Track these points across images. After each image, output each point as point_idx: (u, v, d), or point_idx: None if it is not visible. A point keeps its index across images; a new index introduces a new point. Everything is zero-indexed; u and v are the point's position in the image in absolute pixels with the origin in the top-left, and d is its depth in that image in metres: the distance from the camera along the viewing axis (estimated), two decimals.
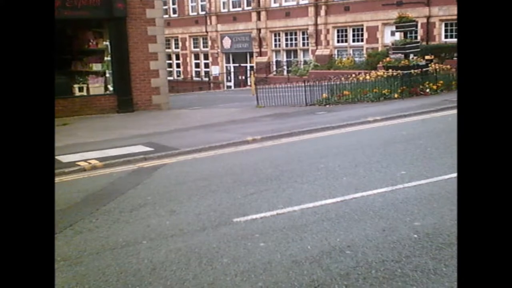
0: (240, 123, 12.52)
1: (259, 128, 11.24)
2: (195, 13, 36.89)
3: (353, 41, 28.04)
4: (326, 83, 16.00)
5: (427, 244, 4.29)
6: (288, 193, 6.12)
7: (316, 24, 29.15)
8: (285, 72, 30.68)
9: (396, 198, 5.58)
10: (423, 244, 4.29)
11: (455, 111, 11.12)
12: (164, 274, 4.10)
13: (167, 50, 27.61)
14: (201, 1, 36.19)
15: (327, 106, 14.82)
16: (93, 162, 8.67)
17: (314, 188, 6.22)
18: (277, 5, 31.28)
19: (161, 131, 11.83)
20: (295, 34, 30.93)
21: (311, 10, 29.15)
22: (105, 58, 15.87)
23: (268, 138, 10.08)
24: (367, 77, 16.38)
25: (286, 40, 31.57)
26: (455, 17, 22.32)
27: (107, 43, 15.64)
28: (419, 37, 23.55)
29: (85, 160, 8.79)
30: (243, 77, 33.87)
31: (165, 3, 34.66)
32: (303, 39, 30.52)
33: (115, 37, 15.38)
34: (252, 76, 23.41)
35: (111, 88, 15.83)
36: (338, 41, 28.75)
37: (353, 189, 6.04)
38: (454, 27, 23.82)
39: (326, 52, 28.52)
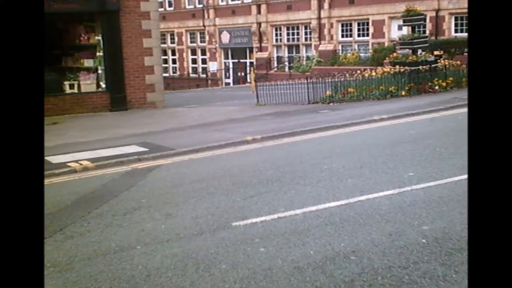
0: (239, 122, 12.52)
1: (259, 127, 11.24)
2: (192, 6, 36.91)
3: (358, 35, 28.04)
4: (329, 80, 16.00)
5: (436, 249, 4.29)
6: (289, 195, 6.12)
7: (319, 18, 29.15)
8: (286, 69, 30.70)
9: (404, 201, 5.58)
10: (431, 249, 4.29)
11: (465, 110, 11.12)
12: (159, 281, 4.10)
13: (162, 45, 27.62)
14: None
15: (331, 104, 14.82)
16: (85, 163, 8.67)
17: (317, 191, 6.22)
18: None
19: (156, 130, 11.83)
20: (297, 28, 30.94)
21: (314, 3, 29.16)
22: (97, 54, 15.88)
23: (268, 138, 10.07)
24: (373, 73, 16.38)
25: (288, 34, 31.58)
26: (466, 10, 22.33)
27: (99, 37, 15.65)
28: (427, 32, 23.56)
29: (76, 161, 8.79)
30: (243, 74, 33.89)
31: None
32: (306, 33, 30.53)
33: (108, 32, 15.38)
34: (252, 72, 23.42)
35: (103, 85, 15.83)
36: (342, 36, 28.75)
37: (358, 192, 6.04)
38: (464, 21, 23.82)
39: (330, 47, 28.53)
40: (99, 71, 15.94)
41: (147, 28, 15.78)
